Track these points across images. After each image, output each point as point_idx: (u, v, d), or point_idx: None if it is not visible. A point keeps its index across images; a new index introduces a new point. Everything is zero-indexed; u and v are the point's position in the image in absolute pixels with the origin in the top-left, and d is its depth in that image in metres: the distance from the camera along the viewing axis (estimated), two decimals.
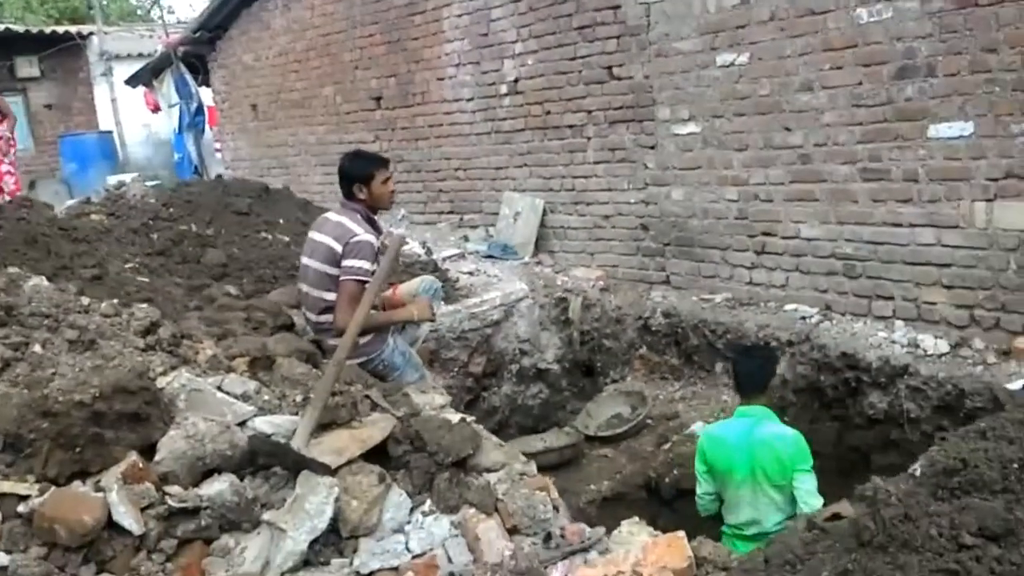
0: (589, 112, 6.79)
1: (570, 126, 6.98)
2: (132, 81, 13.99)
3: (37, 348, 2.97)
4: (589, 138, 6.84)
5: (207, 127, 13.12)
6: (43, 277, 3.83)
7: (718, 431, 4.14)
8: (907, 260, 4.99)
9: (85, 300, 3.52)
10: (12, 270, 3.81)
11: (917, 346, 4.82)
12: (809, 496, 3.78)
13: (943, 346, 4.76)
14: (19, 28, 16.37)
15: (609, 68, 6.58)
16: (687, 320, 5.99)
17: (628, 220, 6.66)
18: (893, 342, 4.91)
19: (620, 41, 6.45)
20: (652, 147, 6.36)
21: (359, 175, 4.36)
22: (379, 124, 9.04)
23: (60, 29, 16.96)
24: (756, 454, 3.85)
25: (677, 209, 6.27)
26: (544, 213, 7.29)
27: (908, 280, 5.00)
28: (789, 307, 5.55)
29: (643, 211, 6.52)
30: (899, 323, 5.02)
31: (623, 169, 6.61)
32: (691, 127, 6.06)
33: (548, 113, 7.14)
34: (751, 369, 4.16)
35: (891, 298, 5.10)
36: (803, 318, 5.39)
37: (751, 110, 5.68)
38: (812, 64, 5.30)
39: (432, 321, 4.76)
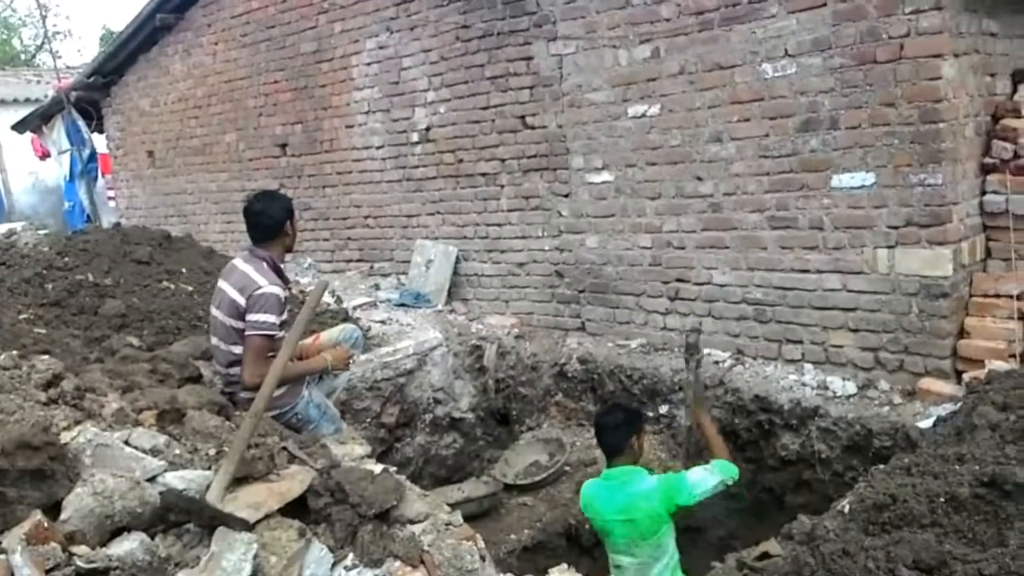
0: (503, 160, 6.91)
1: (483, 174, 7.07)
2: (20, 127, 13.47)
3: None
4: (503, 186, 6.94)
5: (100, 175, 12.73)
6: None
7: (591, 493, 4.07)
8: (815, 305, 5.22)
9: None
10: None
11: (826, 388, 5.04)
12: (708, 480, 3.86)
13: (851, 388, 4.98)
14: None
15: (522, 117, 6.72)
16: (603, 366, 6.10)
17: (543, 267, 6.77)
18: (803, 384, 5.11)
19: (533, 91, 6.61)
20: (566, 195, 6.50)
21: (287, 211, 4.23)
22: (285, 171, 8.96)
23: None
24: (629, 517, 3.83)
25: (592, 256, 6.40)
26: (457, 261, 7.34)
27: (816, 324, 5.24)
28: (703, 351, 5.69)
29: (558, 258, 6.64)
30: (808, 366, 5.24)
31: (537, 217, 6.73)
32: (605, 176, 6.23)
33: (461, 161, 7.22)
34: (612, 429, 4.05)
35: (800, 342, 5.32)
36: (716, 362, 5.56)
37: (663, 160, 5.88)
38: (721, 116, 5.53)
39: (347, 370, 4.69)
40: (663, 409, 5.83)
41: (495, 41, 6.79)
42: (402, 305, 7.26)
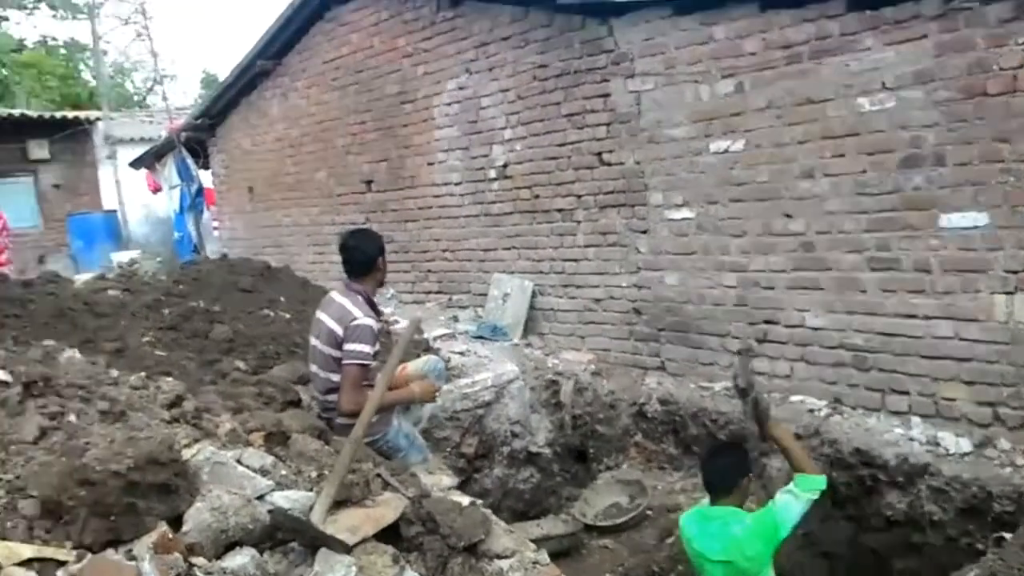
0: (579, 196, 6.10)
1: (559, 210, 6.28)
2: (136, 164, 13.24)
3: (72, 418, 2.82)
4: (579, 222, 6.13)
5: (206, 208, 12.35)
6: (75, 350, 3.70)
7: (691, 532, 3.58)
8: (923, 353, 4.27)
9: (114, 372, 3.43)
10: (48, 343, 3.74)
11: (937, 444, 4.09)
12: (795, 506, 3.37)
13: (966, 445, 4.03)
14: (32, 113, 15.59)
15: (599, 154, 5.91)
16: (685, 408, 5.22)
17: (620, 304, 5.92)
18: (911, 439, 4.17)
19: (610, 128, 5.80)
20: (644, 231, 5.66)
21: (378, 249, 4.06)
22: (370, 206, 8.32)
23: (70, 114, 16.18)
24: (729, 559, 3.37)
25: (671, 294, 5.55)
26: (533, 295, 6.54)
27: (925, 374, 4.28)
28: (795, 398, 4.80)
29: (636, 295, 5.79)
30: (916, 419, 4.29)
31: (614, 253, 5.90)
32: (685, 212, 5.38)
33: (537, 197, 6.44)
34: (725, 468, 3.58)
35: (907, 393, 4.37)
36: (811, 410, 4.64)
37: (748, 196, 5.01)
38: (812, 152, 4.65)
39: (433, 402, 4.36)
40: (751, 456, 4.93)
41: (572, 79, 6.00)
42: (480, 337, 6.50)
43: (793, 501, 3.39)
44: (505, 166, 6.68)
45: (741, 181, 5.03)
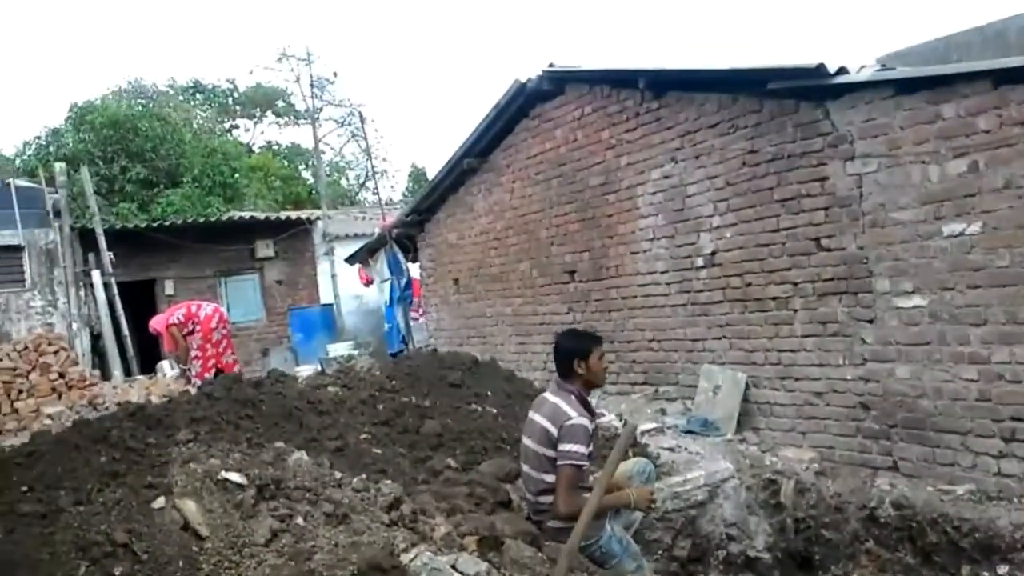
0: (795, 284, 6.00)
1: (774, 298, 6.18)
2: (351, 260, 14.39)
3: (300, 520, 3.02)
4: (796, 310, 6.01)
5: (414, 299, 13.15)
6: (303, 452, 3.92)
7: None
8: None
9: (338, 474, 3.62)
10: (278, 444, 3.98)
11: None
12: None
13: None
14: (260, 215, 17.42)
15: (817, 239, 5.81)
16: (923, 513, 4.88)
17: (844, 398, 5.69)
18: None
19: (828, 212, 5.71)
20: (870, 321, 5.46)
21: (579, 351, 4.10)
22: (573, 296, 8.56)
23: (293, 215, 17.92)
24: None
25: (903, 388, 5.27)
26: (747, 387, 6.41)
27: None
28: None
29: (862, 389, 5.55)
30: None
31: (836, 343, 5.71)
32: (916, 300, 5.15)
33: (749, 285, 6.39)
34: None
35: None
36: None
37: (988, 282, 4.74)
38: None
39: (650, 511, 4.36)
40: (1002, 570, 4.51)
41: (785, 164, 6.00)
42: (689, 432, 6.43)
43: None
44: (714, 254, 6.70)
45: (979, 266, 4.78)
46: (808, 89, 5.70)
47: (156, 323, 11.49)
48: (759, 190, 6.24)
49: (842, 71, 5.46)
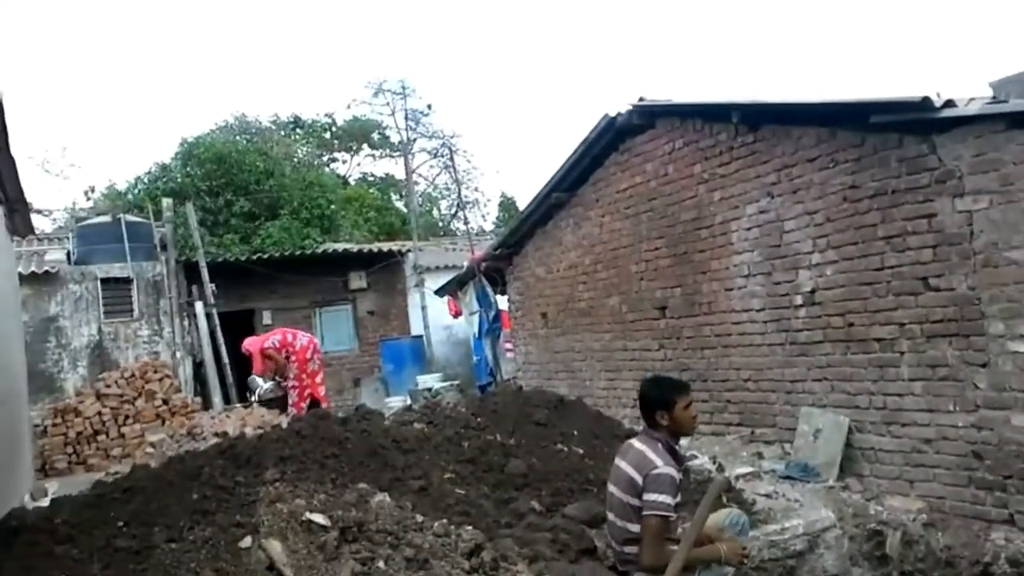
0: (901, 325, 5.76)
1: (878, 339, 5.94)
2: (440, 292, 14.59)
3: (381, 564, 3.04)
4: (902, 352, 5.76)
5: (502, 332, 13.21)
6: (385, 493, 3.95)
7: None
8: None
9: (419, 518, 3.63)
10: (361, 486, 3.98)
11: None
12: None
13: None
14: (353, 248, 17.85)
15: (924, 279, 5.57)
16: None
17: (956, 446, 5.40)
18: None
19: (936, 251, 5.47)
20: (983, 365, 5.19)
21: (660, 401, 3.99)
22: (663, 333, 8.43)
23: (385, 247, 18.30)
24: None
25: (1020, 437, 4.97)
26: (849, 432, 6.16)
27: None
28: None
29: (975, 436, 5.26)
30: None
31: (947, 388, 5.44)
32: None
33: (851, 325, 6.16)
34: None
35: None
36: None
37: None
38: None
39: (742, 566, 4.13)
40: None
41: (889, 200, 5.79)
42: (788, 477, 6.20)
43: None
44: (813, 292, 6.50)
45: None
46: (913, 122, 5.49)
47: (250, 344, 11.83)
48: (861, 226, 6.04)
49: (949, 104, 5.25)
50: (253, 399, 11.38)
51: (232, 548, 3.20)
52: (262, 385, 11.33)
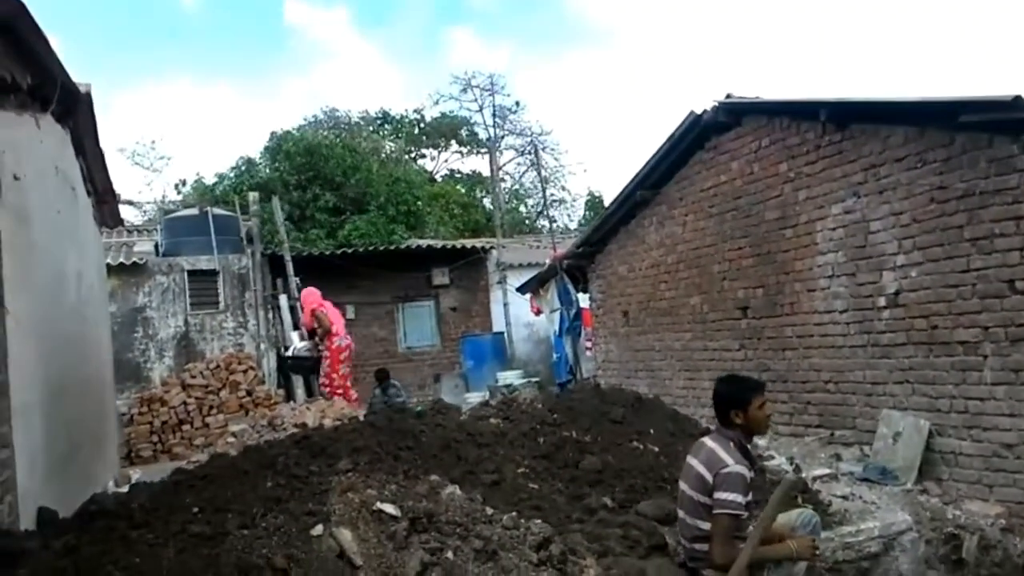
0: (985, 328, 5.80)
1: (962, 342, 5.99)
2: (522, 289, 14.88)
3: (450, 555, 3.15)
4: (986, 356, 5.80)
5: (583, 329, 13.42)
6: (456, 485, 4.03)
7: None
8: None
9: (489, 510, 3.75)
10: (433, 478, 4.05)
11: None
12: None
13: None
14: (437, 244, 18.32)
15: (1011, 282, 5.61)
16: None
17: None
18: None
19: None
20: None
21: (735, 400, 4.07)
22: (744, 333, 8.54)
23: (468, 244, 18.71)
24: None
25: None
26: (930, 435, 6.22)
27: None
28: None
29: None
30: None
31: None
32: None
33: (935, 328, 6.21)
34: None
35: None
36: None
37: None
38: None
39: (812, 562, 4.20)
40: None
41: (977, 200, 5.83)
42: (866, 480, 6.28)
43: None
44: (897, 293, 6.56)
45: None
46: (1003, 122, 5.53)
47: (308, 295, 12.00)
48: (948, 228, 6.09)
49: None
50: (287, 354, 11.54)
51: (303, 535, 3.30)
52: (297, 344, 11.57)
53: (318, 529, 3.33)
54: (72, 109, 5.84)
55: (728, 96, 8.54)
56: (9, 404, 3.82)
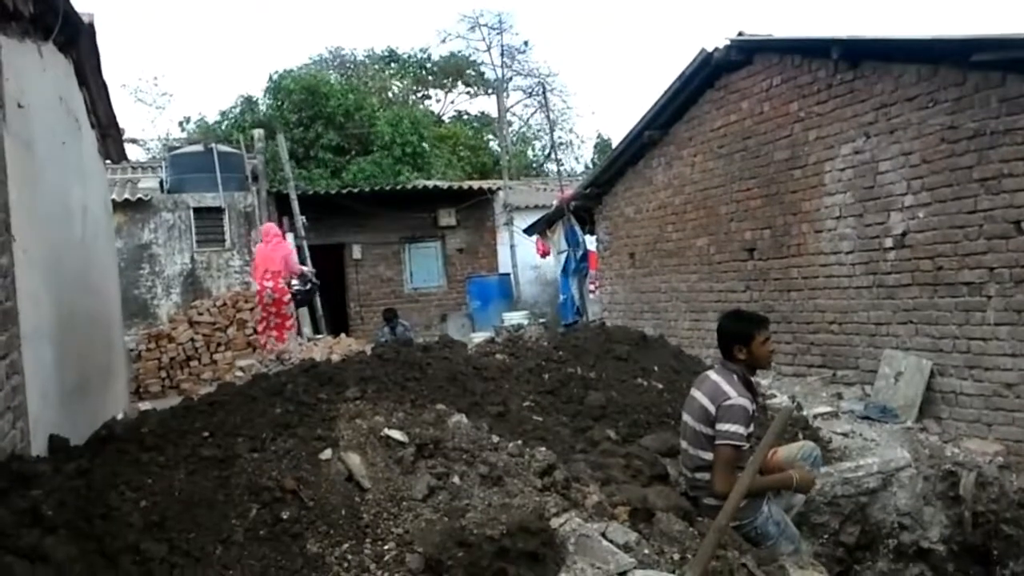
0: (991, 269, 5.86)
1: (966, 283, 6.06)
2: (530, 230, 14.93)
3: (456, 479, 3.24)
4: (989, 297, 5.87)
5: (589, 271, 13.50)
6: (462, 414, 4.08)
7: None
8: None
9: (495, 438, 3.75)
10: (439, 407, 4.11)
11: None
12: None
13: None
14: (443, 184, 18.32)
15: (1017, 223, 5.66)
16: None
17: None
18: None
19: None
20: None
21: (739, 335, 4.14)
22: (750, 274, 8.62)
23: (475, 185, 18.70)
24: None
25: None
26: (931, 375, 6.33)
27: None
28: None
29: None
30: None
31: None
32: None
33: (940, 268, 6.28)
34: None
35: None
36: None
37: None
38: None
39: (807, 493, 4.37)
40: None
41: (988, 141, 5.84)
42: (866, 418, 6.41)
43: None
44: (904, 234, 6.61)
45: None
46: (1017, 61, 5.52)
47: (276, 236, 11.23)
48: (956, 168, 6.11)
49: None
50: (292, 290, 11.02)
51: (312, 459, 3.36)
52: (293, 281, 11.23)
53: (327, 453, 3.40)
54: (75, 39, 5.80)
55: (740, 34, 8.48)
56: (19, 331, 3.87)
